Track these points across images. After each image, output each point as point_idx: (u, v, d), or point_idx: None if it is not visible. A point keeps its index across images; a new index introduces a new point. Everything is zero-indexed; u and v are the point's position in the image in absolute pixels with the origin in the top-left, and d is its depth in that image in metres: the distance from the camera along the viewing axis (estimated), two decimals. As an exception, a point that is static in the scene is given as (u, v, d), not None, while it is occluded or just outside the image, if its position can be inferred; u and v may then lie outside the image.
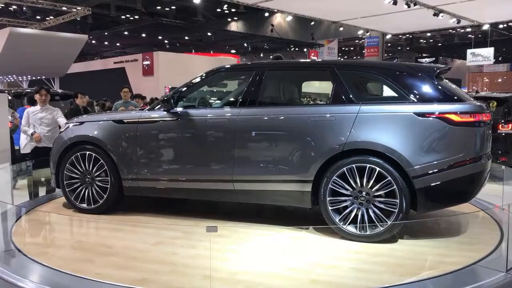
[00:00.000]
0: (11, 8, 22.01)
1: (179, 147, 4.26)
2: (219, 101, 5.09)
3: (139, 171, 4.33)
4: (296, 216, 4.54)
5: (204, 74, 4.45)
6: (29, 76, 22.20)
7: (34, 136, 5.68)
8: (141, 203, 4.79)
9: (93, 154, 4.43)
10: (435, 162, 3.50)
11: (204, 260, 3.23)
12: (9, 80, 23.47)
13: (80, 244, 3.77)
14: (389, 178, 3.52)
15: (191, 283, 2.93)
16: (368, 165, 3.58)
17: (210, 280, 2.80)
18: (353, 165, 3.62)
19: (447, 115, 3.53)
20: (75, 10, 20.86)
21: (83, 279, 2.94)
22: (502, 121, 7.39)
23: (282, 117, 3.98)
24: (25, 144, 5.89)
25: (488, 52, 23.19)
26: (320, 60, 4.64)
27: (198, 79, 4.44)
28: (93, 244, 3.75)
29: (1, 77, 22.07)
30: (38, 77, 21.84)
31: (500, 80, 29.46)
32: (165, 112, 4.29)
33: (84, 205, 4.49)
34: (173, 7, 24.49)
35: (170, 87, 19.16)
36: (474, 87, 27.92)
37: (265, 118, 4.02)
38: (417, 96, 3.69)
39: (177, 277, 3.02)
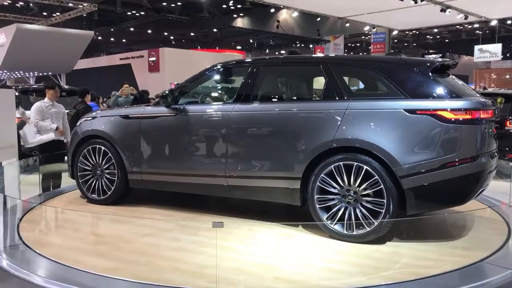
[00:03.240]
0: (18, 5, 22.11)
1: (177, 142, 4.35)
2: (219, 97, 5.15)
3: (142, 165, 4.44)
4: (295, 213, 4.53)
5: (202, 71, 4.49)
6: (35, 72, 22.30)
7: (59, 130, 5.98)
8: (154, 195, 4.87)
9: (103, 148, 4.60)
10: (425, 162, 3.33)
11: (181, 253, 3.36)
12: (16, 76, 23.60)
13: (76, 234, 3.89)
14: (376, 177, 3.40)
15: (157, 274, 2.98)
16: (355, 163, 3.48)
17: (216, 279, 2.80)
18: (341, 163, 3.53)
19: (438, 112, 3.34)
20: (81, 6, 20.89)
21: (88, 273, 2.97)
22: (510, 117, 7.33)
23: (272, 113, 3.96)
24: (38, 138, 6.00)
25: (495, 48, 22.96)
26: (314, 55, 4.57)
27: (196, 76, 4.49)
28: (87, 233, 3.91)
29: (8, 73, 22.19)
30: (45, 73, 21.92)
31: (508, 76, 29.17)
32: (166, 108, 4.38)
33: (95, 196, 4.68)
34: (179, 3, 24.48)
35: (175, 83, 19.17)
36: (481, 84, 27.68)
37: (256, 114, 4.02)
38: (409, 92, 3.51)
39: (148, 267, 3.09)
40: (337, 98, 3.72)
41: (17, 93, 8.36)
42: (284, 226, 3.88)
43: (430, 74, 3.56)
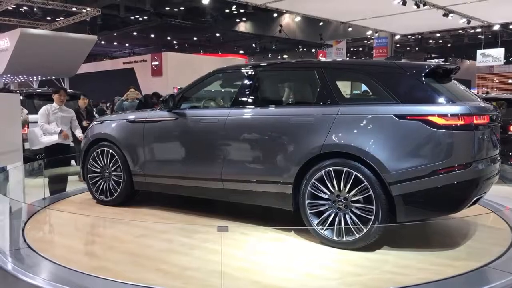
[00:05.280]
0: (22, 9, 22.25)
1: (176, 145, 4.44)
2: (221, 102, 5.23)
3: (145, 167, 4.55)
4: (292, 217, 4.52)
5: (204, 76, 4.54)
6: (39, 76, 22.38)
7: (63, 133, 6.00)
8: (159, 197, 4.95)
9: (110, 151, 4.73)
10: (415, 168, 3.23)
11: (169, 254, 3.41)
12: (19, 80, 23.69)
13: (76, 235, 3.99)
14: (366, 183, 3.34)
15: (140, 274, 3.03)
16: (345, 169, 3.43)
17: (221, 280, 2.82)
18: (331, 168, 3.49)
19: (429, 118, 3.24)
20: (85, 11, 21.01)
21: (93, 277, 2.99)
22: (513, 122, 7.32)
23: (265, 118, 3.98)
24: (42, 140, 6.05)
25: (498, 52, 22.98)
26: (308, 60, 4.50)
27: (198, 80, 4.56)
28: (85, 234, 4.02)
29: (12, 77, 22.28)
30: (48, 78, 22.00)
31: (510, 80, 29.13)
32: (167, 112, 4.46)
33: (103, 197, 4.84)
34: (182, 8, 24.59)
35: (178, 87, 19.22)
36: (484, 88, 27.65)
37: (250, 118, 4.05)
38: (401, 97, 3.44)
39: (132, 267, 3.15)
40: (329, 103, 3.71)
41: (21, 97, 8.41)
42: (277, 230, 3.88)
43: (423, 78, 3.48)
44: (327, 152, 3.54)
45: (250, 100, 4.17)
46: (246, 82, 4.22)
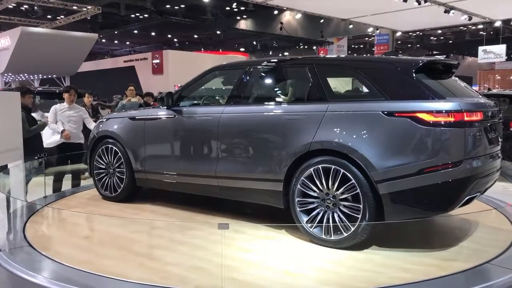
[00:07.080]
0: (23, 8, 22.27)
1: (174, 142, 4.49)
2: (219, 99, 5.21)
3: (145, 164, 4.59)
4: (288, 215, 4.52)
5: (201, 73, 4.55)
6: (40, 75, 22.42)
7: (64, 133, 5.96)
8: (162, 194, 4.96)
9: (114, 148, 4.80)
10: (402, 166, 3.14)
11: (156, 250, 3.45)
12: (20, 79, 23.71)
13: (73, 231, 3.99)
14: (353, 181, 3.29)
15: (121, 268, 3.05)
16: (333, 167, 3.39)
17: (222, 279, 2.81)
18: (319, 166, 3.45)
19: (418, 114, 3.15)
20: (85, 9, 21.02)
21: (95, 275, 2.98)
22: (515, 118, 7.29)
23: (257, 115, 3.97)
24: (49, 140, 6.08)
25: (500, 49, 22.91)
26: (300, 57, 4.39)
27: (196, 78, 4.56)
28: (83, 230, 4.05)
29: (13, 76, 22.31)
30: (49, 76, 22.03)
31: (512, 77, 29.07)
32: (165, 110, 4.50)
33: (107, 193, 4.91)
34: (183, 6, 24.60)
35: (179, 85, 19.20)
36: (485, 85, 27.59)
37: (243, 116, 4.04)
38: (390, 93, 3.35)
39: (117, 262, 3.18)
40: (318, 100, 3.68)
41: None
42: (269, 228, 3.85)
43: (414, 74, 3.37)
44: (316, 150, 3.50)
45: (244, 98, 4.16)
46: (241, 79, 4.21)
